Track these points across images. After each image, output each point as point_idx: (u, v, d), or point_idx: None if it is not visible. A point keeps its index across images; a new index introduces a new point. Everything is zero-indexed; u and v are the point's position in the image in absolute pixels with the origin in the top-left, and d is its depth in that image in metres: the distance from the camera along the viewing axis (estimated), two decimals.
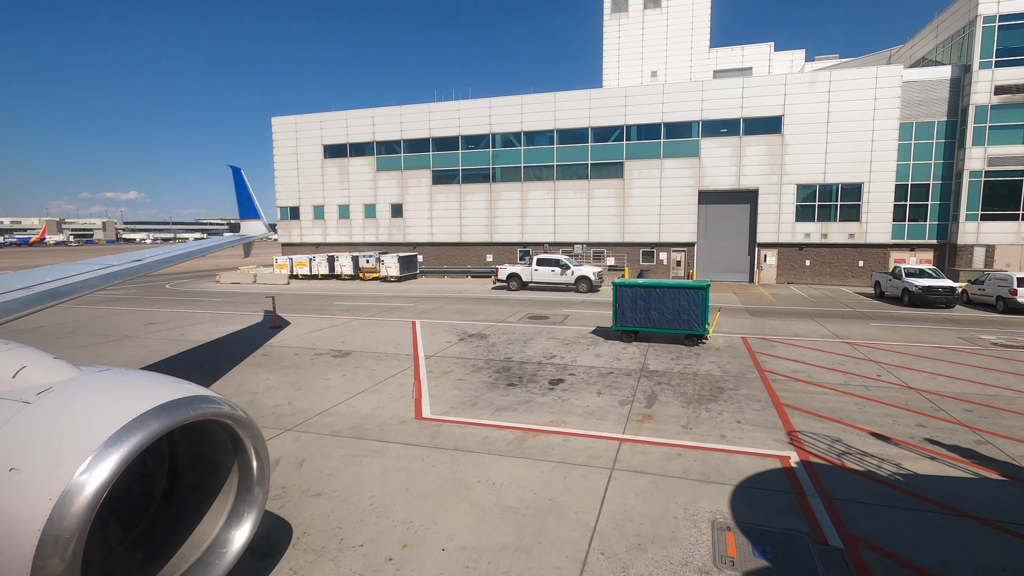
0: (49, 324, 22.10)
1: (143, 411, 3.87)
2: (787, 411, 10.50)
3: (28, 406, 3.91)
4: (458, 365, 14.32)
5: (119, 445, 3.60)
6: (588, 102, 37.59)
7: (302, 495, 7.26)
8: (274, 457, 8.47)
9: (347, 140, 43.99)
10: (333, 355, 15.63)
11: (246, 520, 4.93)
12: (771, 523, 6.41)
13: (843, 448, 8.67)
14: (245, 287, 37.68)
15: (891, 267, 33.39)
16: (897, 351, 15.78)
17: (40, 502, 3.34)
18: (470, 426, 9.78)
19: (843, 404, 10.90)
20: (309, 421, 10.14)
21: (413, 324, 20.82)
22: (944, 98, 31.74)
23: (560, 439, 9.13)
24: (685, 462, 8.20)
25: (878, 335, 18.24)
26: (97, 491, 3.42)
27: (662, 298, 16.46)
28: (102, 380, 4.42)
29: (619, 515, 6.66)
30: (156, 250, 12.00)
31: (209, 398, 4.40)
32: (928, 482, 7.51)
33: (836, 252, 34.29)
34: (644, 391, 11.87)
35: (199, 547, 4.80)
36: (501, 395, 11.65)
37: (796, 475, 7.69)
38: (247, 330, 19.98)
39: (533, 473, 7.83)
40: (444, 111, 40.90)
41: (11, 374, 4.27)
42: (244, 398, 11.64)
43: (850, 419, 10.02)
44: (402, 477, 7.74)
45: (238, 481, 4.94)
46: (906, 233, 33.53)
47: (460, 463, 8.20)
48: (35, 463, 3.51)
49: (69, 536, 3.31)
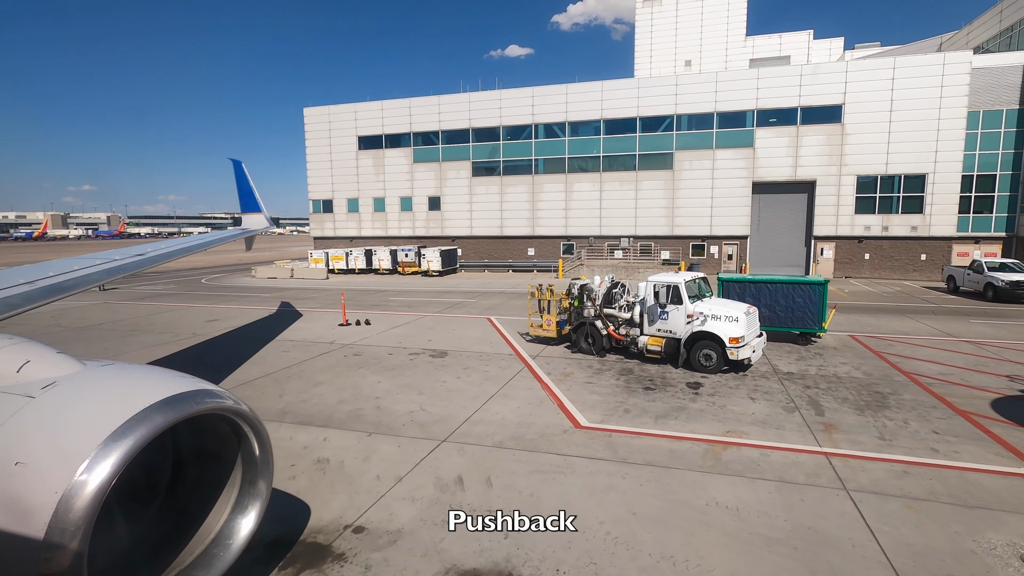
0: (108, 322, 21.37)
1: (147, 405, 3.84)
2: (976, 419, 9.59)
3: (33, 400, 3.90)
4: (572, 366, 13.46)
5: (123, 439, 3.60)
6: (636, 91, 36.46)
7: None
8: (454, 474, 7.64)
9: (383, 131, 42.99)
10: (430, 355, 14.78)
11: (250, 512, 4.93)
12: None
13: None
14: (284, 282, 36.87)
15: (953, 260, 32.32)
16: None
17: (46, 496, 3.34)
18: (643, 436, 8.93)
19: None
20: (459, 431, 9.30)
21: (490, 321, 19.95)
22: (1016, 85, 30.47)
23: (756, 453, 8.26)
24: (920, 481, 7.32)
25: (991, 333, 17.25)
26: (102, 485, 3.43)
27: (774, 294, 15.53)
28: (106, 374, 4.42)
29: (905, 549, 5.79)
30: (158, 244, 11.74)
31: (212, 392, 4.39)
32: None
33: (897, 245, 33.19)
34: (799, 396, 10.98)
35: (204, 540, 4.78)
36: (647, 400, 10.79)
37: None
38: (318, 328, 19.15)
39: (760, 494, 6.97)
40: (485, 100, 39.83)
41: (15, 369, 4.25)
42: (370, 403, 10.82)
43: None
44: (617, 499, 6.89)
45: (242, 474, 4.92)
46: (970, 225, 32.39)
47: (667, 481, 7.34)
48: (41, 457, 3.53)
49: (75, 529, 3.32)
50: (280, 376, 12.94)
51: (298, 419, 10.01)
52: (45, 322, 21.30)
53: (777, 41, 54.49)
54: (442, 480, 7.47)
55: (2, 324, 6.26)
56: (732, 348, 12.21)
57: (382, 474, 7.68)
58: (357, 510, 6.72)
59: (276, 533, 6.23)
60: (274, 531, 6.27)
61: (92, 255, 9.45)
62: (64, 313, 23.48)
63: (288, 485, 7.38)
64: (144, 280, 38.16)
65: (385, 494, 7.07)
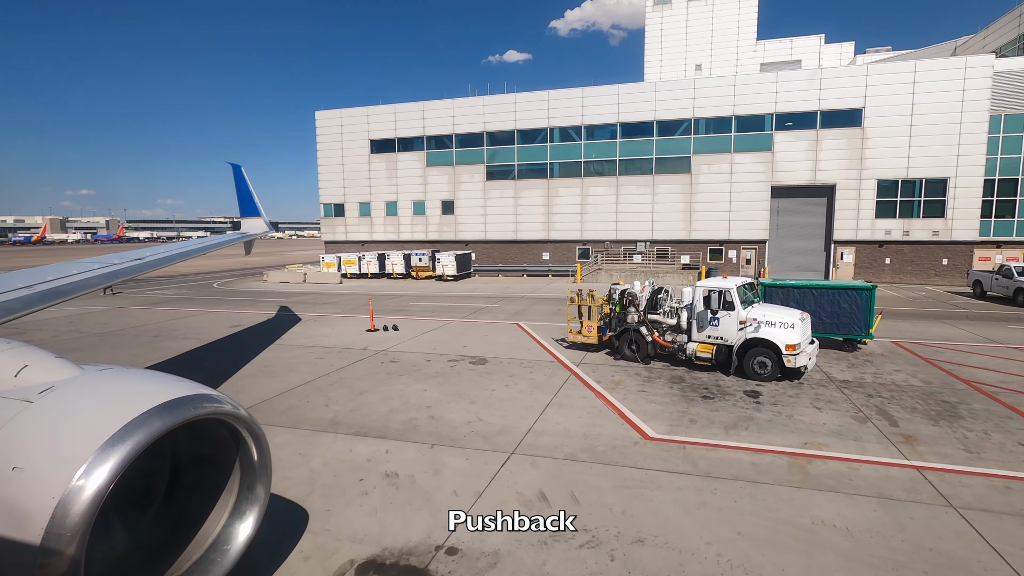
0: (128, 327, 20.99)
1: (145, 410, 3.81)
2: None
3: (30, 405, 3.88)
4: (620, 373, 13.11)
5: (121, 444, 3.57)
6: (653, 95, 36.23)
7: (618, 539, 6.06)
8: (534, 489, 7.28)
9: (395, 135, 42.72)
10: (470, 362, 14.43)
11: (248, 517, 4.87)
12: None
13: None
14: (297, 286, 36.50)
15: (974, 265, 32.04)
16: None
17: (43, 500, 3.32)
18: (719, 449, 8.57)
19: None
20: (525, 442, 8.95)
21: (520, 326, 19.60)
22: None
23: (844, 467, 7.91)
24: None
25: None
26: (99, 490, 3.40)
27: (819, 300, 15.20)
28: (104, 379, 4.39)
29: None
30: (157, 248, 11.63)
31: (211, 396, 4.34)
32: None
33: (918, 250, 32.91)
34: (865, 406, 10.64)
35: (202, 545, 4.74)
36: (709, 410, 10.44)
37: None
38: (346, 334, 18.79)
39: (864, 512, 6.63)
40: (499, 104, 39.58)
41: (13, 373, 4.21)
42: (422, 413, 10.46)
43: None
44: (715, 517, 6.54)
45: (240, 479, 4.87)
46: (992, 230, 32.13)
47: (762, 498, 6.99)
48: (38, 462, 3.51)
49: (72, 534, 3.30)
50: (321, 384, 12.57)
51: (352, 430, 9.64)
52: (64, 328, 20.95)
53: (788, 45, 54.44)
54: (524, 496, 7.11)
55: (1, 328, 6.12)
56: (789, 356, 11.87)
57: (459, 489, 7.32)
58: (444, 529, 6.36)
59: (365, 555, 5.87)
60: (361, 552, 5.92)
61: (91, 259, 9.42)
62: (82, 318, 23.11)
63: (363, 502, 7.01)
64: (155, 285, 37.80)
65: (469, 511, 6.71)
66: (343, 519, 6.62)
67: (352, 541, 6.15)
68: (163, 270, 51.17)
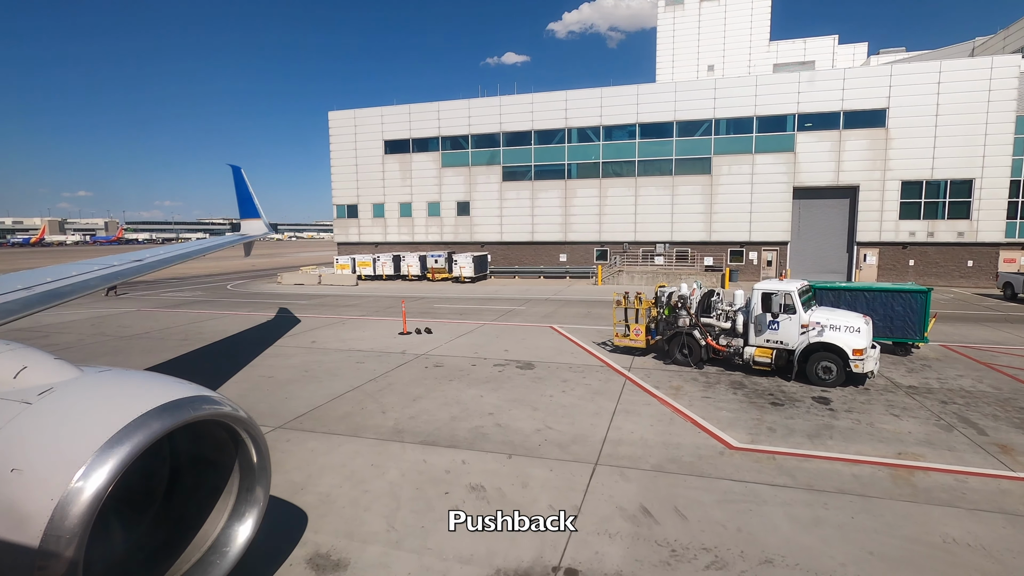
0: (153, 331, 20.61)
1: (144, 411, 3.80)
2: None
3: (29, 407, 3.86)
4: (676, 379, 12.74)
5: (120, 446, 3.57)
6: (673, 95, 35.94)
7: (744, 560, 5.70)
8: (635, 504, 6.92)
9: (410, 135, 42.39)
10: (517, 367, 14.06)
11: (248, 519, 4.86)
12: None
13: None
14: (313, 288, 36.12)
15: (999, 267, 31.73)
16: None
17: (42, 502, 3.32)
18: (813, 459, 8.22)
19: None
20: (605, 452, 8.60)
21: (555, 329, 19.24)
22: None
23: (950, 479, 7.56)
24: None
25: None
26: (98, 492, 3.40)
27: (871, 303, 14.84)
28: (103, 381, 4.38)
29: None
30: (156, 250, 11.54)
31: (210, 398, 4.33)
32: None
33: (943, 251, 32.61)
34: (944, 413, 10.28)
35: (201, 547, 4.73)
36: (783, 417, 10.08)
37: None
38: (379, 337, 18.43)
39: (994, 529, 6.28)
40: (516, 104, 39.27)
41: (12, 375, 4.20)
42: (487, 420, 10.10)
43: None
44: (837, 535, 6.18)
45: (239, 481, 4.86)
46: (1018, 231, 31.84)
47: (878, 513, 6.64)
48: (37, 464, 3.50)
49: (71, 536, 3.29)
50: (370, 389, 12.20)
51: (419, 438, 9.28)
52: (87, 331, 20.57)
53: (801, 46, 54.19)
54: (626, 511, 6.75)
55: (1, 330, 6.04)
56: (856, 360, 11.52)
57: (553, 503, 6.95)
58: (553, 547, 6.00)
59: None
60: (472, 574, 5.55)
61: (90, 261, 9.33)
62: (104, 321, 22.74)
63: (456, 518, 6.64)
64: (168, 287, 37.40)
65: (575, 529, 6.34)
66: (441, 537, 6.25)
67: (460, 562, 5.78)
68: (173, 272, 50.80)
